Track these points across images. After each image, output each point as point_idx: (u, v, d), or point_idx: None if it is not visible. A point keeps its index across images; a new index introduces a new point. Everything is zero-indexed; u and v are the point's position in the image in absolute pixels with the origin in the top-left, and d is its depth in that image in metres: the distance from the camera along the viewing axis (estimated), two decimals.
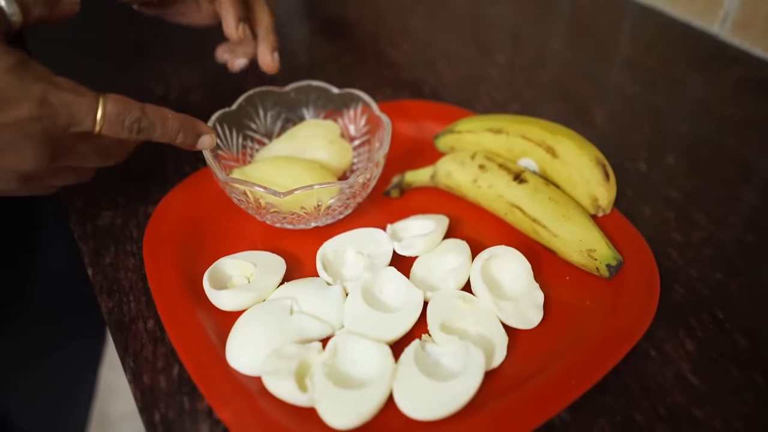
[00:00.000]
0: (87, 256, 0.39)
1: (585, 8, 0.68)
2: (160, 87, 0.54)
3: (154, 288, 0.35)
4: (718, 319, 0.34)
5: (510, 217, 0.38)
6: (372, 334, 0.32)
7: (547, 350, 0.32)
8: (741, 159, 0.47)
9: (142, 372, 0.32)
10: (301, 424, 0.28)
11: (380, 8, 0.68)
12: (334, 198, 0.36)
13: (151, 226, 0.38)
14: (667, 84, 0.56)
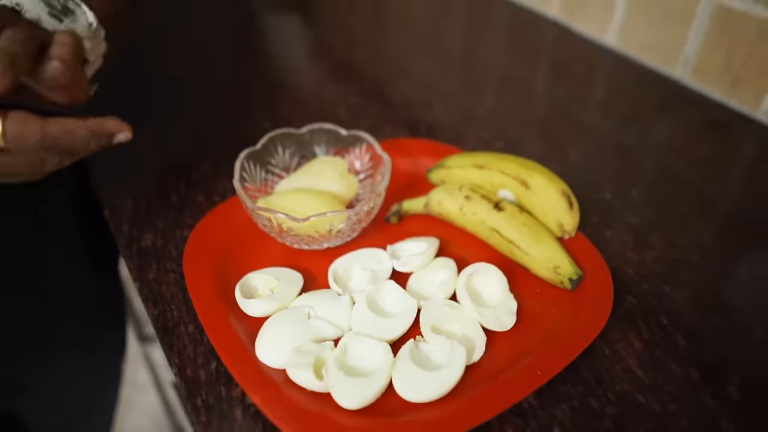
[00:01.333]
0: (133, 272, 0.46)
1: (565, 54, 0.76)
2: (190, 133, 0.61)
3: (193, 298, 0.42)
4: (662, 324, 0.41)
5: (490, 239, 0.45)
6: (375, 334, 0.39)
7: (519, 348, 0.39)
8: (696, 191, 0.54)
9: (186, 367, 0.39)
10: (319, 406, 0.35)
11: (384, 54, 0.76)
12: (343, 223, 0.43)
13: (189, 246, 0.45)
14: (635, 124, 0.63)
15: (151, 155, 0.57)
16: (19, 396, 0.63)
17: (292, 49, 0.81)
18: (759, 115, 0.62)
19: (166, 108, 0.65)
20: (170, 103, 0.66)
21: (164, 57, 0.71)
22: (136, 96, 0.66)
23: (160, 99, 0.66)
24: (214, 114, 0.63)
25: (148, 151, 0.57)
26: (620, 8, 0.71)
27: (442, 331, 0.39)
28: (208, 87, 0.68)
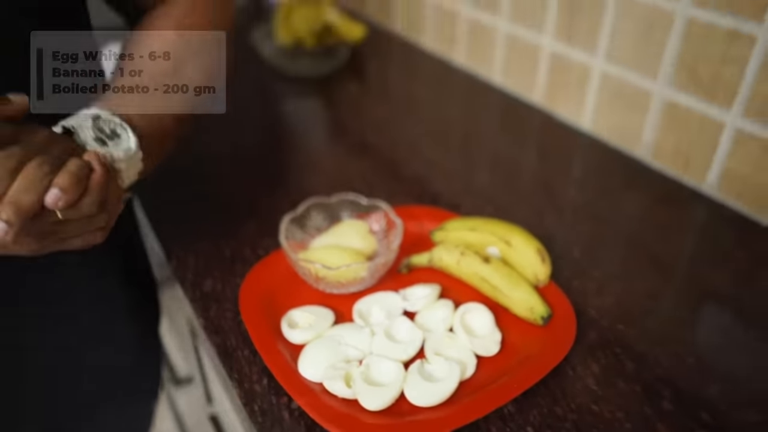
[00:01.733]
0: (198, 311, 0.58)
1: (548, 136, 0.90)
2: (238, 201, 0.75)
3: (249, 329, 0.53)
4: (615, 353, 0.53)
5: (480, 286, 0.57)
6: (391, 356, 0.50)
7: (501, 368, 0.50)
8: (651, 251, 0.66)
9: (243, 382, 0.50)
10: (348, 408, 0.46)
11: (395, 135, 0.90)
12: (365, 272, 0.56)
13: (243, 289, 0.58)
14: (604, 196, 0.76)
15: (207, 219, 0.70)
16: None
17: (317, 130, 0.96)
18: (705, 189, 0.75)
19: (216, 179, 0.79)
20: (220, 176, 0.79)
21: (207, 136, 0.86)
22: (192, 171, 0.80)
23: (210, 172, 0.80)
24: (257, 185, 0.76)
25: (205, 215, 0.71)
26: (592, 98, 0.86)
27: (442, 355, 0.51)
28: (249, 162, 0.82)
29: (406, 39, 1.22)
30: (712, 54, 0.69)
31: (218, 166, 0.82)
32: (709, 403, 0.49)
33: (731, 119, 0.70)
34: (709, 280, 0.63)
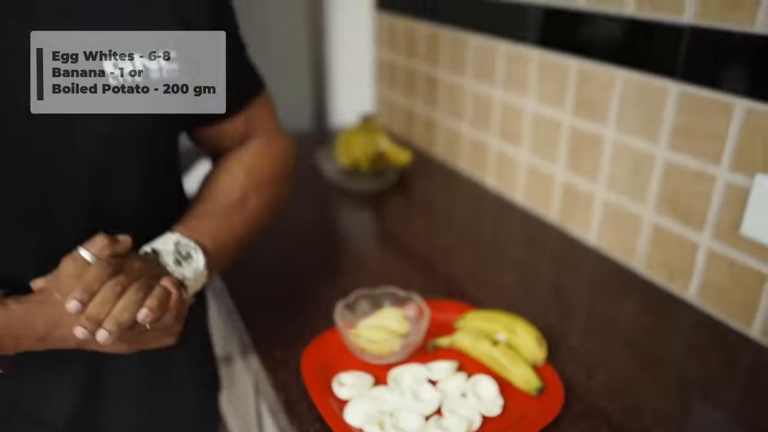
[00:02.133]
0: (269, 373, 0.75)
1: (561, 249, 1.07)
2: (301, 290, 0.94)
3: (308, 387, 0.70)
4: (597, 424, 0.66)
5: (490, 363, 0.72)
6: (415, 412, 0.65)
7: (502, 425, 0.64)
8: (638, 346, 0.80)
9: (302, 425, 0.66)
10: None
11: (432, 242, 1.09)
12: (398, 348, 0.72)
13: (305, 357, 0.74)
14: (602, 299, 0.91)
15: (280, 303, 0.89)
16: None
17: (368, 236, 1.15)
18: (688, 297, 0.89)
19: (287, 274, 0.98)
20: (291, 271, 0.99)
21: (279, 240, 1.06)
22: (269, 267, 0.99)
23: (283, 268, 1.00)
24: (319, 278, 0.95)
25: (278, 300, 0.89)
26: (596, 219, 1.03)
27: (455, 413, 0.65)
28: (312, 261, 1.02)
29: (445, 164, 1.44)
30: (685, 188, 0.87)
31: (289, 264, 1.01)
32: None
33: (704, 241, 0.85)
34: (684, 372, 0.76)
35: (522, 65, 1.14)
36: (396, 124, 1.64)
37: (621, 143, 0.96)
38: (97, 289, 0.52)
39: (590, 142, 1.02)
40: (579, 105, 1.03)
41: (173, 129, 0.69)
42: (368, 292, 0.82)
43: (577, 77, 1.02)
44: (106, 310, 0.52)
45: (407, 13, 1.49)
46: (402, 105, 1.60)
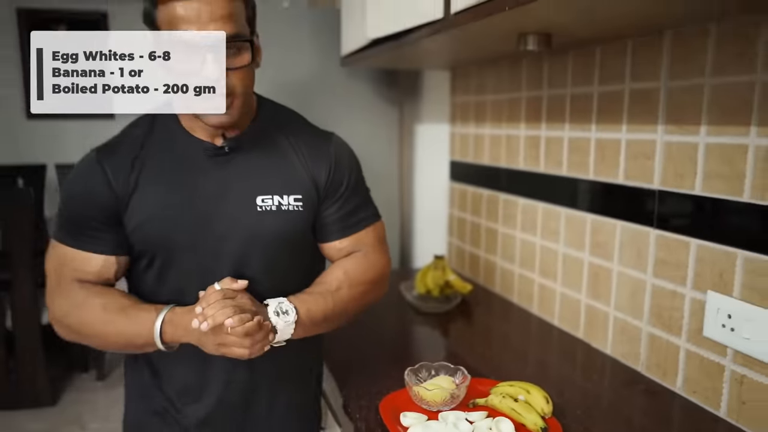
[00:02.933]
0: (354, 416, 1.08)
1: (584, 357, 1.36)
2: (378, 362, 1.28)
3: (385, 421, 1.03)
4: None
5: (511, 413, 1.03)
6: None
7: None
8: (631, 423, 1.07)
9: None
10: None
11: (483, 353, 1.41)
12: (447, 398, 1.04)
13: (382, 404, 1.08)
14: (609, 388, 1.19)
15: (366, 369, 1.24)
16: None
17: (436, 345, 1.50)
18: (676, 389, 1.16)
19: (376, 351, 1.33)
20: (377, 351, 1.34)
21: (372, 334, 1.43)
22: (367, 347, 1.35)
23: (373, 349, 1.35)
24: (397, 355, 1.30)
25: (365, 367, 1.24)
26: (610, 334, 1.33)
27: None
28: (393, 348, 1.37)
29: (500, 296, 1.79)
30: (666, 304, 1.18)
31: (378, 351, 1.37)
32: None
33: (682, 343, 1.14)
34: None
35: (554, 219, 1.53)
36: (463, 265, 2.03)
37: (622, 273, 1.29)
38: (212, 302, 0.93)
39: (603, 274, 1.35)
40: (593, 247, 1.38)
41: (299, 251, 1.11)
42: (428, 364, 1.15)
43: (591, 227, 1.39)
44: (210, 314, 0.91)
45: (473, 183, 1.95)
46: (468, 250, 2.00)
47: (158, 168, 1.00)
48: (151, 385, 1.10)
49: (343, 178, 1.10)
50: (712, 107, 1.06)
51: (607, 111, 1.32)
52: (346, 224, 1.11)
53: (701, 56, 1.07)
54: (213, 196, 1.00)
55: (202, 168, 1.01)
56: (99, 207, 0.99)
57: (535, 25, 1.14)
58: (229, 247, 1.01)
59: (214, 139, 1.02)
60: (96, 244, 0.99)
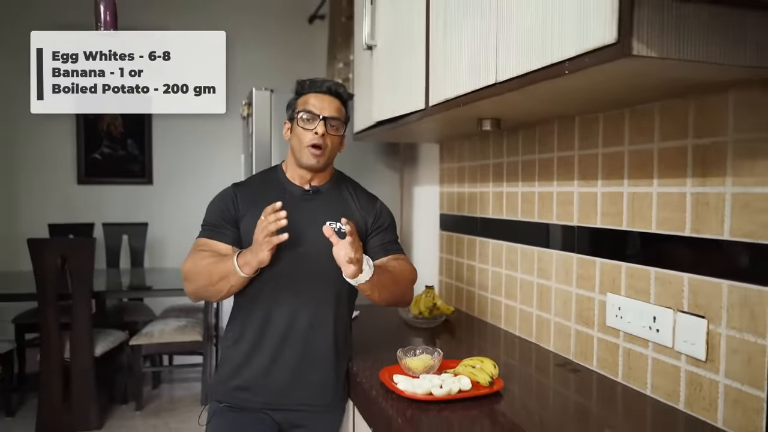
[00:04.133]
0: (362, 380, 1.54)
1: (527, 355, 1.81)
2: None
3: (382, 379, 1.49)
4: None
5: (470, 375, 1.49)
6: (431, 384, 1.43)
7: (470, 392, 1.39)
8: (557, 386, 1.52)
9: (378, 395, 1.44)
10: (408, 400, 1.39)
11: (460, 355, 1.87)
12: (426, 368, 1.51)
13: (381, 373, 1.54)
14: (547, 373, 1.64)
15: (366, 359, 1.70)
16: None
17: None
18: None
19: (377, 346, 1.79)
20: (378, 346, 1.81)
21: (380, 338, 1.89)
22: (366, 348, 1.82)
23: (377, 345, 1.82)
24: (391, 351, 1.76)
25: (368, 357, 1.71)
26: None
27: (449, 385, 1.42)
28: (387, 346, 1.83)
29: (477, 317, 2.26)
30: (585, 306, 1.65)
31: (380, 345, 1.83)
32: None
33: (595, 333, 1.61)
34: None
35: (513, 254, 2.02)
36: (451, 297, 2.51)
37: (557, 288, 1.77)
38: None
39: (545, 290, 1.83)
40: (539, 271, 1.87)
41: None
42: (414, 347, 1.62)
43: (537, 257, 1.88)
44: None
45: (457, 230, 2.46)
46: (454, 284, 2.49)
47: (268, 200, 1.50)
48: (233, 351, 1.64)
49: (384, 223, 1.70)
50: (604, 168, 1.58)
51: (545, 172, 1.84)
52: (387, 248, 1.68)
53: (595, 134, 1.60)
54: (298, 220, 1.54)
55: (294, 202, 1.58)
56: (228, 216, 1.59)
57: (486, 114, 1.68)
58: (306, 252, 1.56)
59: (304, 185, 1.64)
60: (224, 237, 1.58)
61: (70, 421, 3.25)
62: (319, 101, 1.60)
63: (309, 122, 1.58)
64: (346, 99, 1.67)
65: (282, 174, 1.68)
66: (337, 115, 1.62)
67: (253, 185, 1.69)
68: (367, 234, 1.66)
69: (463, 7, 1.46)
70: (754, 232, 1.15)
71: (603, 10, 0.97)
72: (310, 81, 1.66)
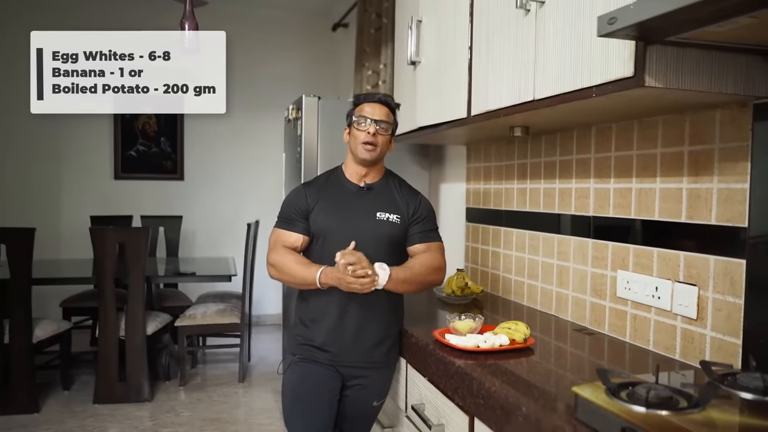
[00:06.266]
0: (419, 340, 1.89)
1: (548, 324, 2.17)
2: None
3: (434, 335, 1.84)
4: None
5: (507, 333, 1.84)
6: (478, 340, 1.78)
7: (511, 345, 1.75)
8: (573, 346, 1.88)
9: (433, 350, 1.80)
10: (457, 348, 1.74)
11: (493, 320, 2.22)
12: (471, 329, 1.86)
13: (434, 333, 1.89)
14: (566, 336, 2.00)
15: (417, 326, 2.05)
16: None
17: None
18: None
19: (427, 316, 2.14)
20: (428, 316, 2.16)
21: (427, 313, 2.24)
22: (416, 317, 2.17)
23: (425, 316, 2.17)
24: (427, 321, 2.11)
25: (419, 325, 2.06)
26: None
27: (492, 340, 1.77)
28: (431, 316, 2.18)
29: (501, 296, 2.61)
30: (598, 282, 2.01)
31: (428, 315, 2.18)
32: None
33: (607, 303, 1.96)
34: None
35: (536, 241, 2.37)
36: (476, 280, 2.86)
37: (575, 268, 2.13)
38: (346, 254, 1.79)
39: (564, 271, 2.19)
40: (559, 255, 2.23)
41: (396, 246, 1.98)
42: (459, 314, 1.97)
43: (557, 243, 2.24)
44: (344, 259, 1.78)
45: (482, 222, 2.81)
46: (479, 269, 2.84)
47: (330, 195, 1.91)
48: (305, 317, 1.99)
49: (423, 213, 2.03)
50: (616, 168, 1.93)
51: (564, 171, 2.20)
52: (423, 237, 2.01)
53: (609, 140, 1.95)
54: (355, 211, 1.92)
55: (351, 197, 1.96)
56: (300, 210, 1.94)
57: (518, 123, 2.04)
58: (360, 236, 1.89)
59: (359, 182, 1.97)
60: (296, 228, 1.93)
61: (125, 393, 3.59)
62: (371, 108, 1.96)
63: (363, 124, 1.93)
64: (394, 107, 2.03)
65: (341, 173, 2.03)
66: (386, 119, 1.96)
67: (319, 183, 2.04)
68: (409, 222, 2.01)
69: (505, 36, 1.81)
70: (734, 217, 1.50)
71: (623, 52, 1.33)
72: (365, 94, 2.06)
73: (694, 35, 1.22)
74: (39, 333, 3.51)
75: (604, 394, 1.20)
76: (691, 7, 1.03)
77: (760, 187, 1.44)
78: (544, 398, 1.38)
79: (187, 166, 5.45)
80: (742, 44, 1.31)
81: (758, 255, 1.44)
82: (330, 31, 5.37)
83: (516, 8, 1.70)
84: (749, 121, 1.47)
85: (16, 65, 4.40)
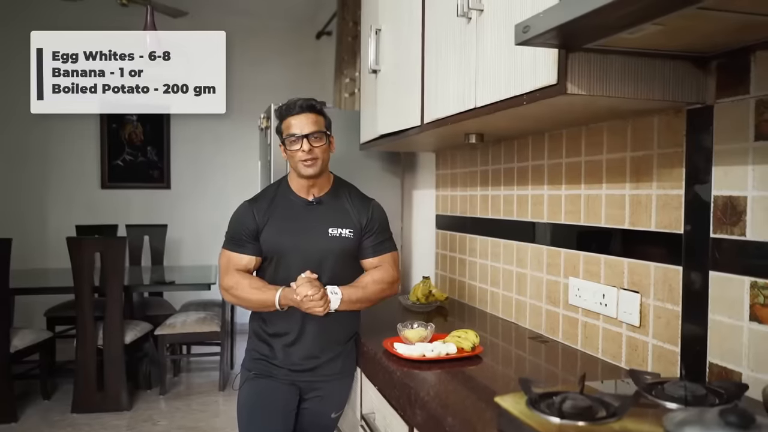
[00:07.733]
0: (368, 349, 1.89)
1: (507, 332, 2.15)
2: None
3: (385, 346, 1.83)
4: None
5: (456, 342, 1.83)
6: (425, 349, 1.77)
7: (456, 355, 1.74)
8: (529, 354, 1.87)
9: (382, 360, 1.79)
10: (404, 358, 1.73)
11: (450, 329, 2.21)
12: (421, 338, 1.85)
13: (384, 342, 1.88)
14: (521, 344, 1.99)
15: (372, 335, 2.04)
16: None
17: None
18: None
19: (382, 325, 2.14)
20: (383, 324, 2.15)
21: (386, 319, 2.23)
22: (371, 327, 2.16)
23: (381, 325, 2.16)
24: (386, 328, 2.10)
25: (374, 333, 2.05)
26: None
27: (440, 349, 1.76)
28: (389, 322, 2.18)
29: (467, 303, 2.60)
30: (553, 289, 1.99)
31: (386, 322, 2.17)
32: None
33: (560, 311, 1.95)
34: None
35: (497, 248, 2.36)
36: (445, 287, 2.85)
37: (532, 275, 2.12)
38: (302, 284, 1.80)
39: (523, 278, 2.18)
40: (517, 262, 2.22)
41: (350, 259, 1.97)
42: (411, 321, 1.97)
43: (516, 250, 2.23)
44: (301, 291, 1.78)
45: (450, 229, 2.80)
46: (448, 276, 2.83)
47: (279, 213, 1.89)
48: (262, 333, 1.97)
49: (375, 225, 1.99)
50: (567, 175, 1.92)
51: (522, 178, 2.19)
52: (376, 249, 1.99)
53: (560, 147, 1.95)
54: (306, 227, 1.90)
55: (301, 212, 1.92)
56: (249, 230, 1.90)
57: (471, 130, 2.03)
58: (312, 256, 1.89)
59: (308, 196, 1.94)
60: (246, 250, 1.90)
61: (103, 402, 3.60)
62: (298, 121, 1.85)
63: (295, 143, 1.84)
64: (319, 108, 1.90)
65: (287, 187, 1.96)
66: (316, 128, 1.85)
67: (267, 198, 1.95)
68: (362, 234, 1.95)
69: (451, 45, 1.81)
70: (671, 224, 1.49)
71: (548, 60, 1.32)
72: (285, 106, 1.89)
73: (612, 42, 1.21)
74: (17, 343, 3.52)
75: (524, 404, 1.19)
76: (594, 14, 1.02)
77: (693, 193, 1.43)
78: (473, 408, 1.37)
79: (173, 174, 5.47)
80: (666, 50, 1.31)
81: (694, 262, 1.43)
82: (314, 39, 5.39)
83: (457, 17, 1.69)
84: (683, 126, 1.46)
85: (12, 67, 4.43)
